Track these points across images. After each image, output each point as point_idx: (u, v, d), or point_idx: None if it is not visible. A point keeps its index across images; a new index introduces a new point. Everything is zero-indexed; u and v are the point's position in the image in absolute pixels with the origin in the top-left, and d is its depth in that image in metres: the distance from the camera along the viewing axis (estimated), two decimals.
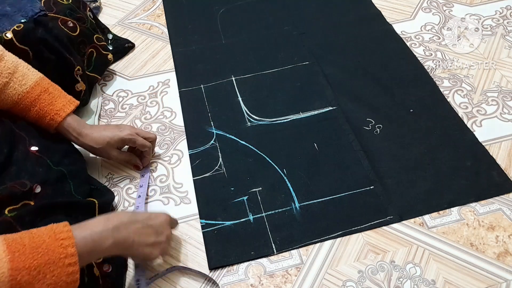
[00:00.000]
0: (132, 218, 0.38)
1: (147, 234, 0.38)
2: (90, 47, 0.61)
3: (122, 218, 0.36)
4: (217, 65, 0.67)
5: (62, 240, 0.30)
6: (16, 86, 0.44)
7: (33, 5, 0.51)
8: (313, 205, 0.49)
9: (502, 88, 0.60)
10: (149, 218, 0.39)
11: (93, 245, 0.33)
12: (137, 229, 0.37)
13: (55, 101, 0.45)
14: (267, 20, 0.74)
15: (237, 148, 0.56)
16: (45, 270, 0.29)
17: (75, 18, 0.57)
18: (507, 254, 0.44)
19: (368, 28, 0.71)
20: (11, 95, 0.43)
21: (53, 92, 0.46)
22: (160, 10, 0.80)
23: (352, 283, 0.43)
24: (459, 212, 0.48)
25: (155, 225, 0.39)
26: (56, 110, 0.45)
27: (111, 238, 0.34)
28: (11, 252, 0.28)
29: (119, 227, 0.35)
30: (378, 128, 0.56)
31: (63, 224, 0.32)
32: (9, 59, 0.44)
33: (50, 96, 0.45)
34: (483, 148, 0.53)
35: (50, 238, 0.30)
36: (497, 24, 0.70)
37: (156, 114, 0.62)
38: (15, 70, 0.44)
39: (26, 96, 0.44)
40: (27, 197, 0.38)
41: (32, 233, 0.30)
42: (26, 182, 0.39)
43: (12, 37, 0.48)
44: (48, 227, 0.32)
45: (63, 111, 0.46)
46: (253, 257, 0.45)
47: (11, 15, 0.49)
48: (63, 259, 0.30)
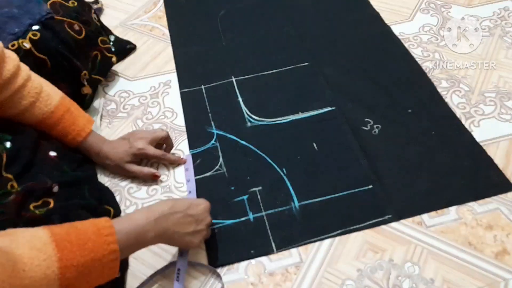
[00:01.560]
0: (173, 208, 0.38)
1: (188, 223, 0.39)
2: (94, 50, 0.61)
3: (163, 209, 0.37)
4: (217, 66, 0.68)
5: (106, 237, 0.31)
6: (42, 105, 0.45)
7: (40, 8, 0.51)
8: (313, 204, 0.49)
9: (500, 89, 0.61)
10: (189, 207, 0.40)
11: (136, 238, 0.34)
12: (177, 219, 0.38)
13: (76, 121, 0.48)
14: (267, 22, 0.75)
15: (237, 148, 0.56)
16: (91, 267, 0.30)
17: (81, 21, 0.58)
18: (505, 253, 0.45)
19: (366, 30, 0.71)
20: (37, 114, 0.45)
21: (74, 111, 0.48)
22: (162, 12, 0.80)
23: (351, 281, 0.43)
24: (457, 211, 0.48)
25: (195, 214, 0.40)
26: (78, 130, 0.48)
27: (153, 231, 0.35)
28: (60, 250, 0.29)
29: (159, 219, 0.37)
30: (377, 128, 0.57)
31: (105, 220, 0.33)
32: (35, 79, 0.45)
33: (72, 116, 0.48)
34: (481, 148, 0.54)
35: (95, 235, 0.31)
36: (495, 25, 0.71)
37: (158, 114, 0.62)
38: (41, 90, 0.45)
39: (50, 116, 0.46)
40: (46, 195, 0.39)
41: (77, 228, 0.31)
42: (47, 180, 0.40)
43: (30, 47, 0.49)
44: (91, 222, 0.32)
45: (84, 131, 0.49)
46: (253, 256, 0.46)
47: (18, 17, 0.49)
48: (107, 255, 0.31)
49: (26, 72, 0.45)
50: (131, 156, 0.50)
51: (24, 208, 0.37)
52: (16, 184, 0.39)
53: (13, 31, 0.48)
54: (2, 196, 0.37)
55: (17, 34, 0.48)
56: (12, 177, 0.39)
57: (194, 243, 0.40)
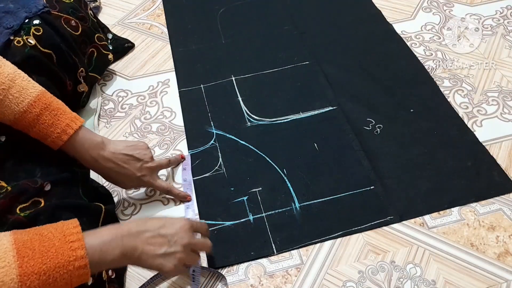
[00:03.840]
0: (142, 227, 0.35)
1: (158, 244, 0.35)
2: (91, 47, 0.61)
3: (131, 227, 0.35)
4: (217, 65, 0.67)
5: (71, 243, 0.30)
6: (12, 104, 0.38)
7: (36, 2, 0.50)
8: (313, 205, 0.49)
9: (503, 88, 0.60)
10: (163, 227, 0.36)
11: (100, 254, 0.32)
12: (146, 238, 0.35)
13: (57, 121, 0.40)
14: (267, 20, 0.74)
15: (237, 148, 0.55)
16: (55, 274, 0.29)
17: (78, 17, 0.57)
18: (507, 254, 0.44)
19: (368, 28, 0.70)
20: (7, 114, 0.38)
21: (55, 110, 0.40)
22: (160, 9, 0.80)
23: (352, 283, 0.43)
24: (459, 212, 0.48)
25: (168, 234, 0.36)
26: (58, 132, 0.40)
27: (119, 249, 0.33)
28: (20, 257, 0.28)
29: (129, 237, 0.34)
30: (379, 128, 0.56)
31: (73, 225, 0.31)
32: (4, 72, 0.38)
33: (52, 115, 0.40)
34: (484, 148, 0.53)
35: (60, 241, 0.30)
36: (498, 24, 0.70)
37: (156, 114, 0.61)
38: (11, 86, 0.38)
39: (23, 116, 0.39)
40: (37, 194, 0.38)
41: (42, 235, 0.30)
42: (38, 179, 0.39)
43: (35, 43, 0.48)
44: (58, 227, 0.31)
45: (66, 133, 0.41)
46: (253, 257, 0.45)
47: (15, 11, 0.48)
48: (73, 262, 0.30)
49: None
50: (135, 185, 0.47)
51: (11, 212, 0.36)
52: (5, 184, 0.37)
53: (9, 25, 0.48)
54: None
55: (14, 28, 0.48)
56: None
57: (166, 267, 0.36)
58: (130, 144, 0.46)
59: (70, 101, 0.57)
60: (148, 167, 0.46)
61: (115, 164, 0.43)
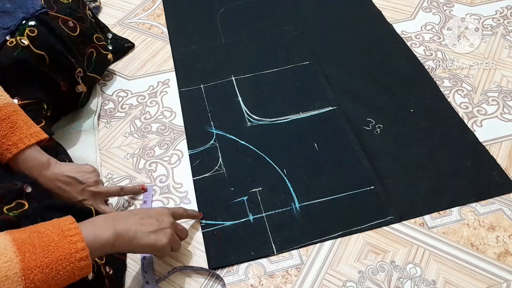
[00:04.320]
0: (130, 212, 0.38)
1: (148, 223, 0.38)
2: (90, 47, 0.60)
3: (119, 214, 0.37)
4: (217, 65, 0.67)
5: (70, 237, 0.31)
6: None
7: (33, 2, 0.50)
8: (313, 205, 0.49)
9: (503, 88, 0.60)
10: (146, 212, 0.40)
11: (94, 237, 0.33)
12: (137, 219, 0.37)
13: (11, 134, 0.40)
14: (267, 19, 0.74)
15: (237, 148, 0.55)
16: (58, 267, 0.30)
17: (76, 17, 0.57)
18: (507, 254, 0.44)
19: (368, 28, 0.70)
20: None
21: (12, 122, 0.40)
22: (160, 9, 0.80)
23: (352, 283, 0.43)
24: (459, 212, 0.48)
25: (154, 215, 0.39)
26: (8, 145, 0.40)
27: (111, 230, 0.34)
28: (22, 253, 0.28)
29: (118, 220, 0.36)
30: (379, 128, 0.56)
31: (69, 221, 0.32)
32: None
33: (8, 127, 0.40)
34: (484, 148, 0.53)
35: (59, 236, 0.30)
36: (498, 24, 0.70)
37: (156, 114, 0.61)
38: None
39: None
40: (19, 196, 0.38)
41: (40, 232, 0.30)
42: (17, 182, 0.38)
43: (28, 43, 0.48)
44: (54, 224, 0.31)
45: (16, 147, 0.40)
46: (253, 258, 0.45)
47: (12, 11, 0.48)
48: (74, 254, 0.30)
49: None
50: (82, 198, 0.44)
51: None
52: None
53: (6, 25, 0.47)
54: None
55: (11, 28, 0.48)
56: None
57: (162, 241, 0.38)
58: (75, 167, 0.45)
59: (67, 102, 0.57)
60: (90, 190, 0.44)
61: (55, 186, 0.42)
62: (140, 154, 0.56)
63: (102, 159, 0.56)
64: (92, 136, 0.59)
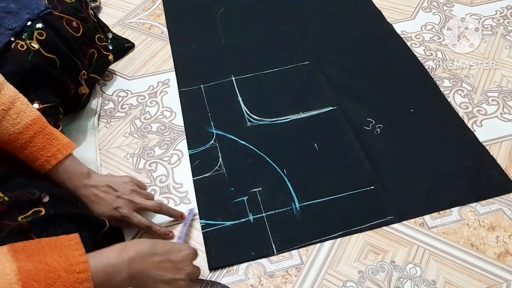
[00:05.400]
0: (152, 249, 0.35)
1: (165, 269, 0.36)
2: (91, 48, 0.60)
3: (140, 249, 0.35)
4: (217, 65, 0.67)
5: (78, 274, 0.30)
6: (9, 125, 0.39)
7: (38, 2, 0.49)
8: (313, 205, 0.49)
9: (503, 88, 0.60)
10: (170, 252, 0.37)
11: (106, 278, 0.32)
12: (155, 262, 0.35)
13: (48, 145, 0.41)
14: (267, 20, 0.74)
15: (237, 148, 0.55)
16: None
17: (79, 18, 0.56)
18: (507, 254, 0.44)
19: (368, 28, 0.70)
20: (1, 134, 0.39)
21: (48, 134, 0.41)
22: (160, 9, 0.80)
23: (352, 283, 0.43)
24: (459, 212, 0.48)
25: (175, 261, 0.37)
26: (47, 156, 0.41)
27: (126, 272, 0.33)
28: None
29: (135, 259, 0.34)
30: (379, 128, 0.56)
31: (79, 252, 0.31)
32: (6, 94, 0.39)
33: (44, 139, 0.41)
34: (484, 148, 0.53)
35: (66, 272, 0.29)
36: (498, 24, 0.70)
37: (156, 114, 0.61)
38: (11, 107, 0.39)
39: (17, 137, 0.40)
40: (36, 204, 0.37)
41: (46, 264, 0.29)
42: (35, 191, 0.38)
43: (39, 47, 0.48)
44: (63, 254, 0.30)
45: (55, 158, 0.41)
46: (253, 258, 0.45)
47: (16, 12, 0.48)
48: None
49: None
50: (110, 217, 0.43)
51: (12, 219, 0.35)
52: (1, 193, 0.37)
53: (11, 27, 0.47)
54: None
55: (16, 29, 0.47)
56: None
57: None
58: (113, 177, 0.46)
59: (70, 104, 0.57)
60: (125, 198, 0.44)
61: (92, 193, 0.43)
62: (140, 154, 0.56)
63: (102, 159, 0.56)
64: (92, 136, 0.59)
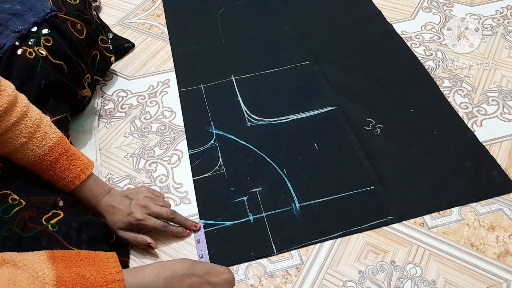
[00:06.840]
0: (190, 269, 0.35)
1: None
2: (94, 50, 0.60)
3: (177, 269, 0.34)
4: (217, 65, 0.67)
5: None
6: (35, 147, 0.40)
7: (43, 5, 0.49)
8: (313, 205, 0.49)
9: (503, 88, 0.60)
10: (210, 273, 0.36)
11: None
12: (193, 283, 0.34)
13: (72, 166, 0.42)
14: (267, 20, 0.74)
15: (237, 148, 0.55)
16: None
17: (83, 19, 0.56)
18: (507, 254, 0.44)
19: (368, 28, 0.70)
20: (28, 156, 0.40)
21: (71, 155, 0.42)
22: (160, 9, 0.80)
23: (352, 283, 0.43)
24: (459, 212, 0.48)
25: (214, 283, 0.36)
26: (71, 177, 0.42)
27: None
28: None
29: (172, 279, 0.34)
30: (379, 128, 0.56)
31: (116, 270, 0.31)
32: (32, 116, 0.40)
33: (68, 160, 0.42)
34: (484, 148, 0.53)
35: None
36: (498, 24, 0.70)
37: (156, 114, 0.61)
38: (37, 129, 0.40)
39: (43, 159, 0.40)
40: (54, 207, 0.38)
41: (84, 277, 0.30)
42: (50, 196, 0.39)
43: (46, 54, 0.47)
44: (100, 270, 0.31)
45: (79, 178, 0.42)
46: (253, 258, 0.45)
47: (22, 14, 0.47)
48: None
49: (21, 108, 0.39)
50: (126, 224, 0.44)
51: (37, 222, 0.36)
52: (17, 196, 0.37)
53: (17, 29, 0.46)
54: (6, 209, 0.36)
55: (22, 32, 0.47)
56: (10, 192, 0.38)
57: None
58: (132, 188, 0.48)
59: (73, 107, 0.57)
60: (138, 204, 0.45)
61: (110, 205, 0.44)
62: (140, 154, 0.56)
63: (102, 159, 0.56)
64: (92, 136, 0.59)
